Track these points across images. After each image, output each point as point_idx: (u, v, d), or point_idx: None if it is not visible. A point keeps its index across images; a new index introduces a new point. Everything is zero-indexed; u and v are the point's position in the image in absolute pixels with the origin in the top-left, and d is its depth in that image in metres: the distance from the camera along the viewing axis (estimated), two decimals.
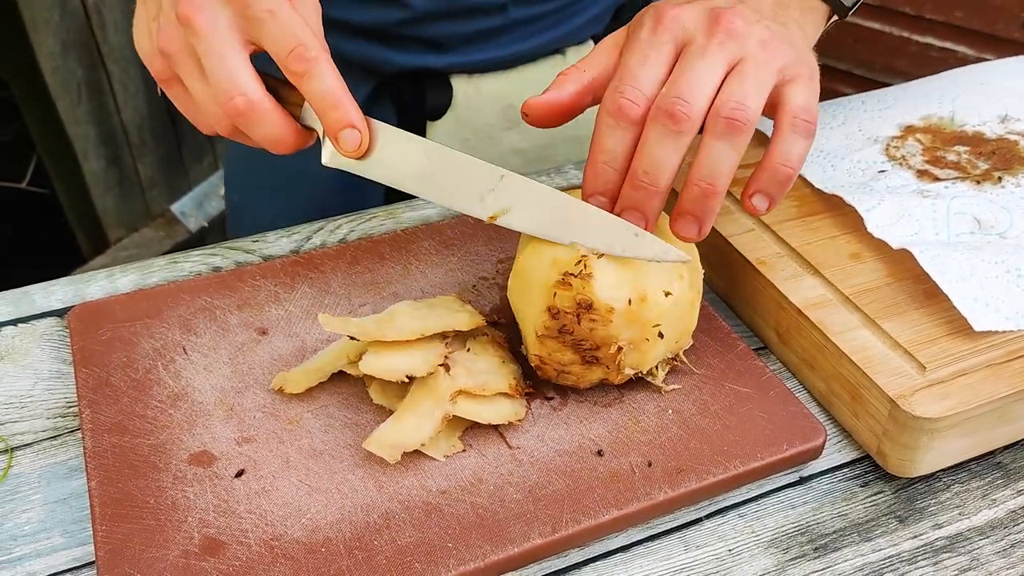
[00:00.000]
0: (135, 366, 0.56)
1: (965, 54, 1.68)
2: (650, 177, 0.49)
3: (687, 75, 0.49)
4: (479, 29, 0.80)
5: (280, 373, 0.55)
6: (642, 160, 0.49)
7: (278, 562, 0.46)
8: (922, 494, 0.53)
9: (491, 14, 0.80)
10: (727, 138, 0.48)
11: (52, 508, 0.51)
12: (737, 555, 0.49)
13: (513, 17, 0.80)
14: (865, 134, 0.71)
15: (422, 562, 0.46)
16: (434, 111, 0.84)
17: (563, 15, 0.84)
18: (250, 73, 0.50)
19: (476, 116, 0.85)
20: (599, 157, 0.50)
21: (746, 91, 0.48)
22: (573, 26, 0.85)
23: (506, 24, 0.81)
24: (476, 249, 0.66)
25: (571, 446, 0.52)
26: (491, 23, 0.80)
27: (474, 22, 0.80)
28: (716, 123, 0.48)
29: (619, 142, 0.49)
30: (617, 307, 0.50)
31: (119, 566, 0.45)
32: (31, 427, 0.55)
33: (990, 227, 0.61)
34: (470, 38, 0.81)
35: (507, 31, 0.82)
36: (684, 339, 0.55)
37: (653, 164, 0.49)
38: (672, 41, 0.50)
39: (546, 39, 0.84)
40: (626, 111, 0.49)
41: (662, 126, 0.48)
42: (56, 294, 0.64)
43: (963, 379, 0.52)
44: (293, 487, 0.49)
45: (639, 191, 0.49)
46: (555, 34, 0.84)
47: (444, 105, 0.84)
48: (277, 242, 0.69)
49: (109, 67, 1.91)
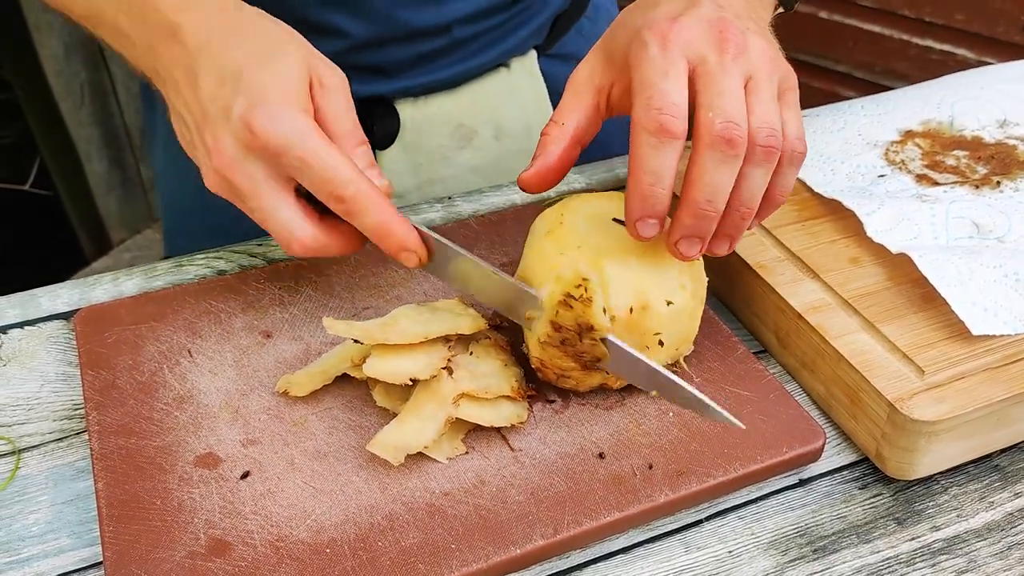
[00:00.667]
0: (141, 369, 0.57)
1: (965, 57, 1.68)
2: (713, 204, 0.48)
3: (725, 97, 0.47)
4: (423, 52, 0.78)
5: (284, 376, 0.56)
6: (703, 189, 0.48)
7: (283, 563, 0.46)
8: (920, 497, 0.53)
9: (434, 36, 0.78)
10: (765, 164, 0.48)
11: (59, 509, 0.51)
12: (737, 557, 0.50)
13: (457, 37, 0.78)
14: (864, 139, 0.71)
15: (426, 563, 0.46)
16: (382, 140, 0.81)
17: (506, 29, 0.82)
18: (300, 216, 0.53)
19: (426, 139, 0.83)
20: (645, 179, 0.48)
21: (771, 113, 0.48)
22: (516, 40, 0.83)
23: (450, 44, 0.79)
24: (479, 253, 0.66)
25: (573, 448, 0.52)
26: (435, 45, 0.78)
27: (417, 46, 0.78)
28: (754, 152, 0.48)
29: (664, 161, 0.47)
30: (618, 315, 0.51)
31: (126, 567, 0.46)
32: (38, 429, 0.56)
33: (989, 231, 0.61)
34: (414, 62, 0.79)
35: (452, 51, 0.80)
36: (684, 346, 0.56)
37: (715, 191, 0.48)
38: (684, 57, 0.49)
39: (491, 56, 0.82)
40: (668, 127, 0.47)
41: (721, 153, 0.47)
42: (62, 297, 0.65)
43: (961, 383, 0.52)
44: (298, 489, 0.50)
45: (701, 220, 0.48)
46: (499, 50, 0.83)
47: (392, 133, 0.81)
48: None
49: (112, 69, 1.92)
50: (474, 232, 0.68)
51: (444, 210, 0.73)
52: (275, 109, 0.50)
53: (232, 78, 0.51)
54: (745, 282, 0.62)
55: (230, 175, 0.52)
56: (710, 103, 0.48)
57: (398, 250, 0.53)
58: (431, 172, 0.85)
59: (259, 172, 0.52)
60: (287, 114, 0.50)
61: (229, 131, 0.51)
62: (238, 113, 0.50)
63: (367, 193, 0.51)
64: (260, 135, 0.50)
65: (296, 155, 0.50)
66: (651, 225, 0.49)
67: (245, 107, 0.50)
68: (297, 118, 0.51)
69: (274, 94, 0.51)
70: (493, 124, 0.84)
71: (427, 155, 0.84)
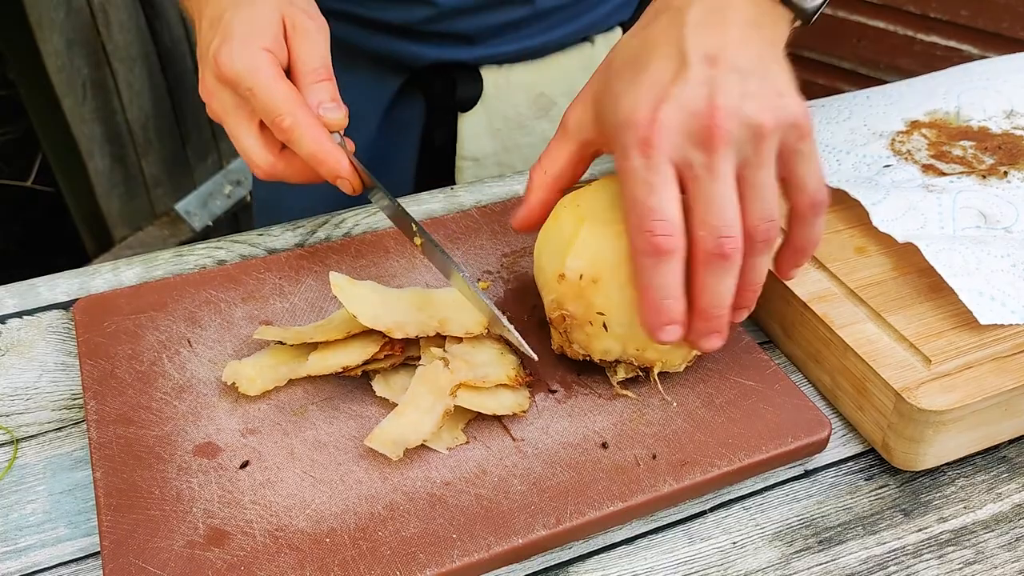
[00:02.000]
0: (140, 358, 0.56)
1: (970, 53, 1.68)
2: (719, 309, 0.48)
3: (715, 206, 0.47)
4: (506, 21, 0.81)
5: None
6: (706, 299, 0.48)
7: (283, 552, 0.46)
8: (927, 488, 0.53)
9: (518, 6, 0.80)
10: (764, 253, 0.49)
11: (57, 499, 0.51)
12: (741, 547, 0.49)
13: (540, 8, 0.81)
14: (870, 129, 0.70)
15: (426, 553, 0.46)
16: (464, 103, 0.84)
17: (589, 3, 0.84)
18: (260, 145, 0.60)
19: (506, 106, 0.85)
20: (653, 295, 0.48)
21: (766, 201, 0.47)
22: (600, 14, 0.85)
23: (533, 15, 0.81)
24: (481, 243, 0.66)
25: (575, 438, 0.52)
26: (518, 14, 0.80)
27: (501, 14, 0.80)
28: (755, 247, 0.48)
29: (666, 275, 0.47)
30: (568, 276, 0.51)
31: (124, 556, 0.45)
32: (36, 419, 0.55)
33: (996, 221, 0.61)
34: (498, 31, 0.81)
35: (534, 22, 0.82)
36: (652, 353, 0.53)
37: (718, 299, 0.48)
38: (668, 161, 0.47)
39: (573, 28, 0.84)
40: (662, 246, 0.47)
41: (719, 268, 0.47)
42: (61, 287, 0.64)
43: (969, 372, 0.52)
44: (298, 478, 0.49)
45: (712, 321, 0.49)
46: (582, 23, 0.84)
47: (475, 97, 0.84)
48: (282, 236, 0.69)
49: (114, 66, 1.92)
50: (476, 222, 0.68)
51: (446, 200, 0.73)
52: (235, 46, 0.57)
53: (216, 20, 0.59)
54: None
55: (208, 102, 0.60)
56: (702, 219, 0.47)
57: (332, 177, 0.59)
58: (508, 139, 0.86)
59: (228, 101, 0.59)
60: (245, 51, 0.57)
61: (207, 66, 0.59)
62: (212, 49, 0.58)
63: (304, 123, 0.57)
64: (222, 67, 0.57)
65: (246, 86, 0.57)
66: (672, 331, 0.49)
67: (216, 44, 0.58)
68: (254, 55, 0.57)
69: (239, 34, 0.58)
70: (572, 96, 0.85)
71: (506, 121, 0.85)
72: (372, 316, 0.53)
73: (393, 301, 0.56)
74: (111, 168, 2.00)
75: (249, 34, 0.58)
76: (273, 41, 0.58)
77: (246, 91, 0.57)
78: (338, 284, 0.55)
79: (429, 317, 0.55)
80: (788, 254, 0.52)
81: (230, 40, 0.57)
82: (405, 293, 0.58)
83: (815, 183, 0.49)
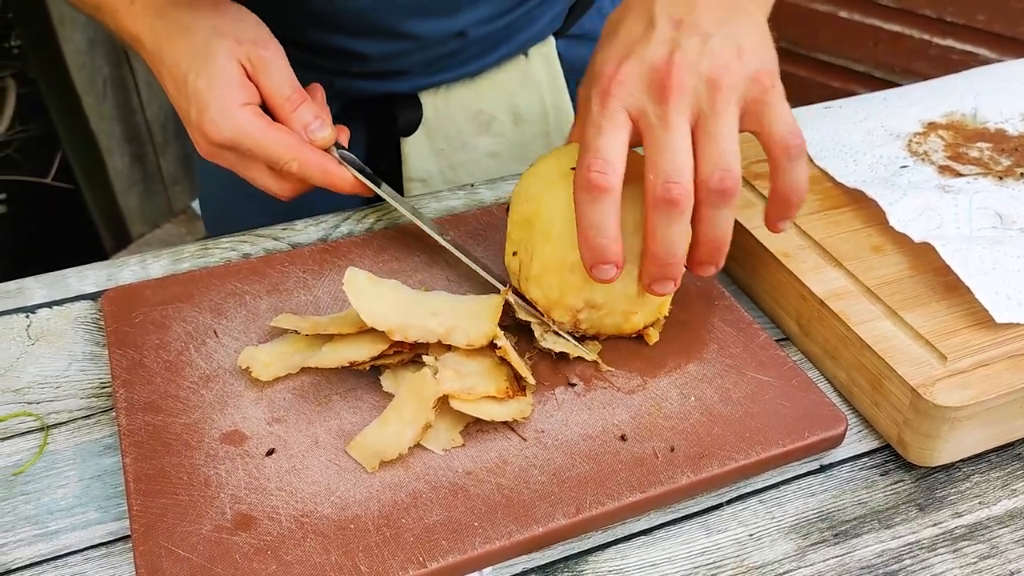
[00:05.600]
0: (168, 348, 0.57)
1: (986, 57, 1.68)
2: (671, 256, 0.50)
3: (665, 155, 0.49)
4: (440, 55, 0.80)
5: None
6: (658, 244, 0.50)
7: (308, 537, 0.47)
8: (942, 483, 0.53)
9: (450, 41, 0.79)
10: (722, 205, 0.50)
11: (87, 484, 0.52)
12: (758, 540, 0.50)
13: (472, 38, 0.80)
14: (887, 130, 0.71)
15: (449, 540, 0.47)
16: (406, 128, 0.84)
17: (521, 24, 0.83)
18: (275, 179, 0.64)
19: (447, 125, 0.85)
20: (588, 232, 0.50)
21: (723, 152, 0.49)
22: (532, 31, 0.84)
23: (467, 45, 0.80)
24: (500, 240, 0.67)
25: (595, 431, 0.53)
26: (452, 47, 0.80)
27: (435, 50, 0.79)
28: (709, 196, 0.49)
29: (600, 215, 0.50)
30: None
31: (154, 539, 0.47)
32: (66, 406, 0.56)
33: (1012, 222, 0.61)
34: (433, 63, 0.80)
35: (469, 50, 0.81)
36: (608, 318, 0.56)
37: (669, 245, 0.50)
38: (623, 110, 0.50)
39: (509, 48, 0.83)
40: (597, 182, 0.49)
41: (666, 213, 0.49)
42: (90, 278, 0.65)
43: (984, 370, 0.52)
44: (322, 466, 0.50)
45: (664, 267, 0.51)
46: (516, 42, 0.83)
47: (415, 122, 0.84)
48: (305, 230, 0.70)
49: (134, 64, 1.94)
50: (495, 219, 0.69)
51: (466, 197, 0.74)
52: (216, 114, 0.61)
53: (182, 84, 0.62)
54: (767, 270, 0.62)
55: (213, 160, 0.64)
56: (652, 163, 0.49)
57: (347, 194, 0.65)
58: (452, 157, 0.86)
59: (232, 158, 0.64)
60: (227, 116, 0.61)
61: (197, 133, 0.62)
62: (194, 120, 0.62)
63: (307, 162, 0.62)
64: (212, 137, 0.61)
65: (245, 147, 0.61)
66: (606, 270, 0.51)
67: (196, 115, 0.61)
68: (236, 116, 0.61)
69: (213, 99, 0.61)
70: (511, 110, 0.85)
71: (448, 141, 0.85)
72: (376, 315, 0.54)
73: (407, 303, 0.56)
74: (130, 166, 2.02)
75: (222, 96, 0.61)
76: (245, 92, 0.62)
77: (246, 151, 0.62)
78: (351, 280, 0.55)
79: (438, 324, 0.55)
80: (773, 205, 0.53)
81: (207, 109, 0.61)
82: (425, 297, 0.57)
83: (783, 129, 0.50)
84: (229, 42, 0.62)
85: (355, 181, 0.65)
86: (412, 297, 0.57)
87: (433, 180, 0.86)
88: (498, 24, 0.80)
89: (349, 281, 0.55)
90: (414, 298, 0.57)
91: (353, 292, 0.54)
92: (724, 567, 0.49)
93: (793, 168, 0.51)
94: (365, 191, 0.65)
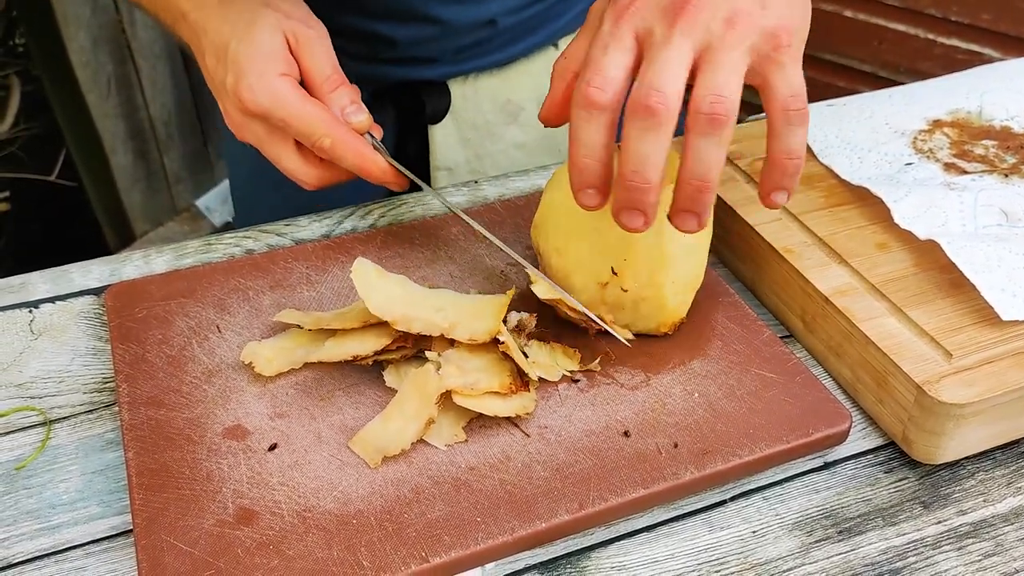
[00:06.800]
0: (170, 343, 0.57)
1: (991, 56, 1.67)
2: (640, 176, 0.47)
3: (654, 66, 0.47)
4: (469, 43, 0.80)
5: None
6: (628, 160, 0.47)
7: (310, 532, 0.47)
8: (946, 481, 0.53)
9: (479, 29, 0.79)
10: (711, 134, 0.47)
11: (89, 479, 0.52)
12: (761, 536, 0.50)
13: (502, 27, 0.80)
14: (892, 127, 0.71)
15: (451, 535, 0.47)
16: (434, 116, 0.84)
17: (551, 14, 0.83)
18: (302, 162, 0.63)
19: (475, 115, 0.85)
20: (579, 151, 0.49)
21: (720, 80, 0.47)
22: (563, 22, 0.84)
23: (496, 34, 0.81)
24: (504, 236, 0.67)
25: (598, 426, 0.53)
26: (481, 35, 0.80)
27: (464, 37, 0.80)
28: (698, 120, 0.47)
29: (594, 133, 0.48)
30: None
31: (156, 533, 0.46)
32: (68, 401, 0.56)
33: (1017, 219, 0.61)
34: (462, 50, 0.81)
35: (498, 39, 0.81)
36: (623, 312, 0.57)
37: (640, 161, 0.47)
38: (632, 32, 0.48)
39: (537, 39, 0.84)
40: (593, 98, 0.47)
41: (641, 120, 0.46)
42: (93, 273, 0.65)
43: (989, 367, 0.52)
44: (325, 461, 0.50)
45: (632, 191, 0.48)
46: (545, 33, 0.84)
47: (444, 109, 0.84)
48: (309, 226, 0.70)
49: (138, 62, 1.94)
50: (500, 216, 0.69)
51: (470, 193, 0.74)
52: (254, 80, 0.59)
53: (222, 55, 0.60)
54: (771, 267, 0.62)
55: (241, 134, 0.62)
56: (641, 74, 0.47)
57: (379, 182, 0.63)
58: (479, 147, 0.87)
59: (260, 130, 0.61)
60: (264, 83, 0.59)
61: (229, 101, 0.61)
62: (229, 87, 0.60)
63: (342, 140, 0.60)
64: (247, 104, 0.59)
65: (278, 117, 0.60)
66: (590, 195, 0.50)
67: (232, 82, 0.59)
68: (273, 84, 0.59)
69: (252, 66, 0.59)
70: (539, 101, 0.85)
71: (475, 129, 0.86)
72: (381, 305, 0.54)
73: (413, 298, 0.56)
74: (133, 164, 2.02)
75: (262, 64, 0.59)
76: (286, 64, 0.60)
77: (279, 122, 0.60)
78: (359, 270, 0.55)
79: (442, 319, 0.55)
80: (766, 173, 0.51)
81: (246, 75, 0.59)
82: (432, 293, 0.57)
83: (786, 91, 0.49)
84: (278, 14, 0.61)
85: (387, 167, 0.63)
86: (418, 292, 0.57)
87: (459, 170, 0.87)
88: (528, 13, 0.81)
89: (357, 271, 0.55)
90: (420, 293, 0.57)
91: (360, 282, 0.54)
92: (727, 564, 0.49)
93: (790, 133, 0.49)
94: (394, 180, 0.63)
